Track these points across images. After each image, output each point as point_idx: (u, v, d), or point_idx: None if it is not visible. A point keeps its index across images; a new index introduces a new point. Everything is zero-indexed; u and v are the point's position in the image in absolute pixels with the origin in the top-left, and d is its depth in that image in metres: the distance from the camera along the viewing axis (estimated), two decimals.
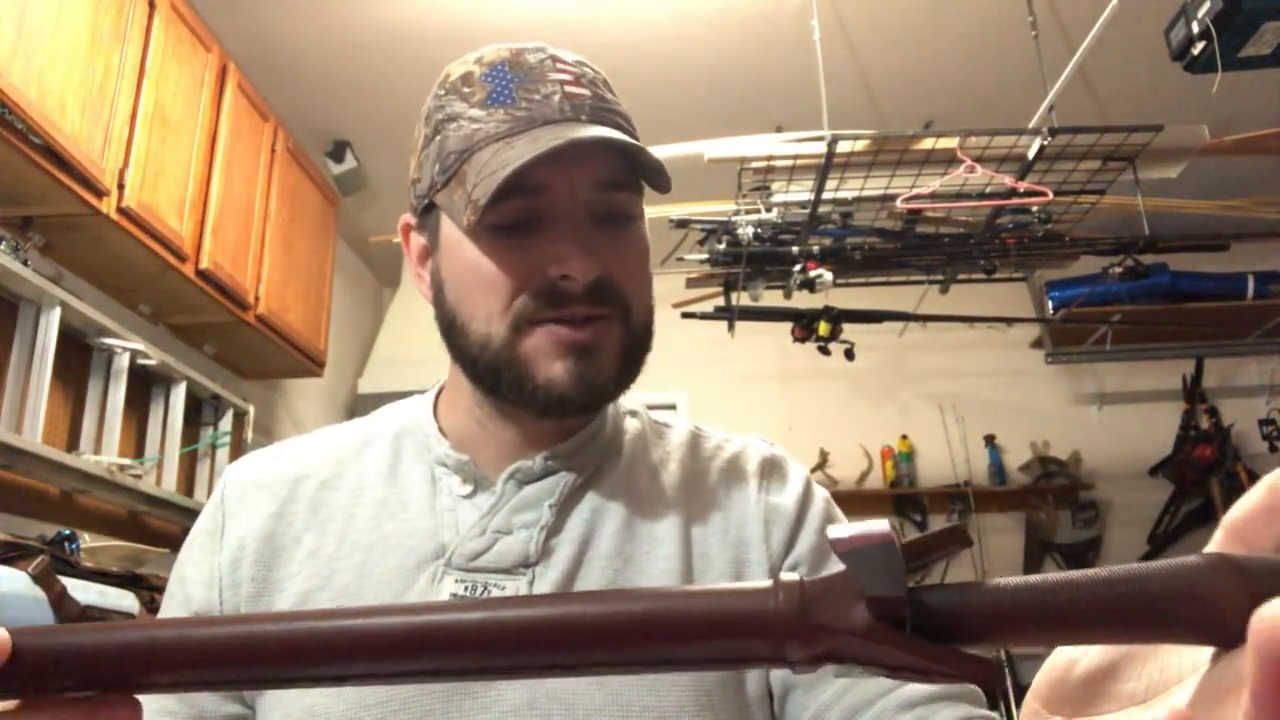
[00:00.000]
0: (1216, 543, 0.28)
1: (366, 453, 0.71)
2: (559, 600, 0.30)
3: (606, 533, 0.66)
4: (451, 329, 0.65)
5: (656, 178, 0.63)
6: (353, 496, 0.68)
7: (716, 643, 0.28)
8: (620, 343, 0.64)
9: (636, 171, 0.63)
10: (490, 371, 0.63)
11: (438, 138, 0.64)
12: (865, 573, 0.28)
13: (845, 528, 0.28)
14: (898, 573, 0.28)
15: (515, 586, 0.62)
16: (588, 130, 0.60)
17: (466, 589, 0.61)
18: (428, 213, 0.67)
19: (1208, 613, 0.25)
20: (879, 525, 0.28)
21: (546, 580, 0.62)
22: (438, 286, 0.67)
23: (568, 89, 0.63)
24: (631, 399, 0.79)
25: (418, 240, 0.70)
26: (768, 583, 0.28)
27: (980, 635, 0.28)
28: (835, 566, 0.29)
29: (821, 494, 0.72)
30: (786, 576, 0.28)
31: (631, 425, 0.75)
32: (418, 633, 0.30)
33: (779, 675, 0.64)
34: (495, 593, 0.62)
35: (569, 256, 0.60)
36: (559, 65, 0.64)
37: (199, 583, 0.66)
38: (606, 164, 0.62)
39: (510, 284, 0.62)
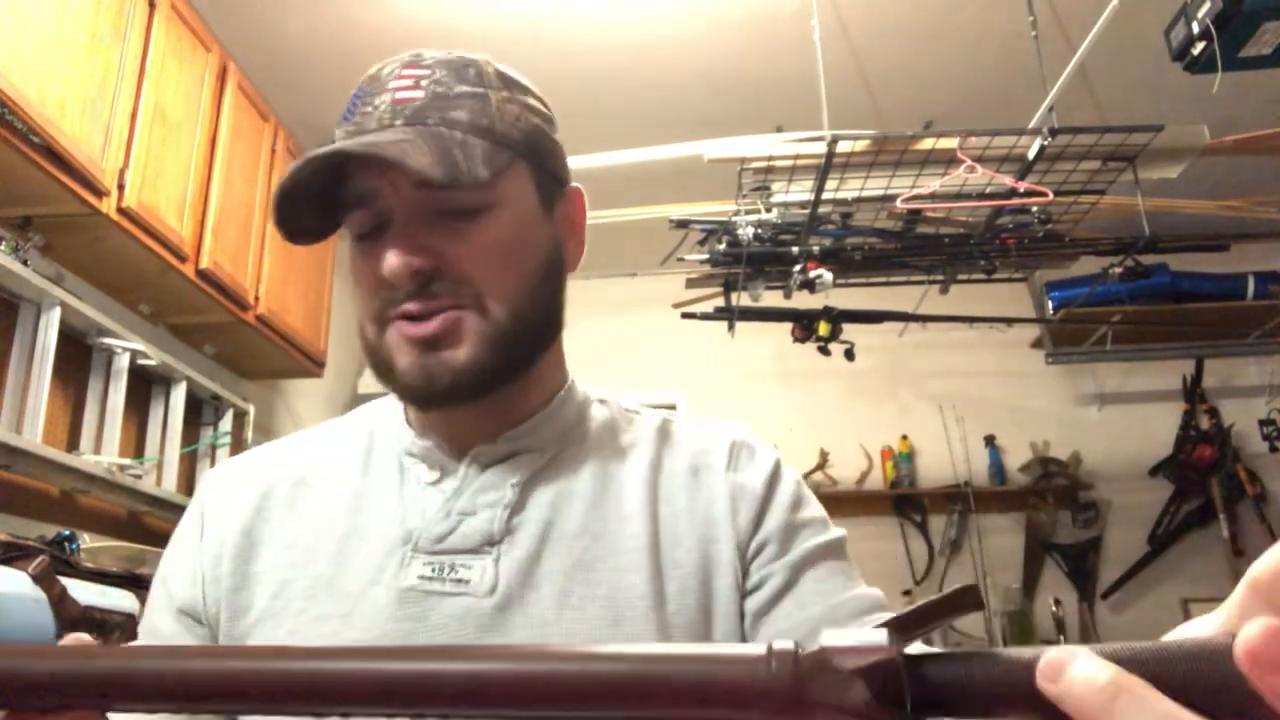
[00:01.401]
0: (1239, 597, 0.28)
1: (341, 450, 0.74)
2: (542, 656, 0.29)
3: (573, 511, 0.67)
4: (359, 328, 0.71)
5: (471, 173, 0.61)
6: (328, 492, 0.70)
7: (703, 711, 0.27)
8: (478, 331, 0.65)
9: (453, 168, 0.62)
10: (373, 366, 0.68)
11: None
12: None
13: (843, 635, 0.27)
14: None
15: (481, 565, 0.63)
16: (373, 137, 0.62)
17: (434, 570, 0.63)
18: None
19: (1241, 700, 0.24)
20: (877, 640, 0.26)
21: (511, 558, 0.63)
22: None
23: (398, 95, 0.64)
24: (621, 395, 0.80)
25: None
26: (761, 649, 0.27)
27: (987, 710, 0.27)
28: (803, 543, 0.28)
29: (792, 475, 0.73)
30: (780, 644, 0.27)
31: (599, 412, 0.76)
32: (388, 681, 0.29)
33: None
34: (462, 573, 0.63)
35: (384, 257, 0.63)
36: (405, 71, 0.66)
37: (183, 581, 0.68)
38: (416, 164, 0.60)
39: (365, 288, 0.67)
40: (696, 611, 0.64)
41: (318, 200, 0.65)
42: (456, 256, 0.64)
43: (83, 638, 0.38)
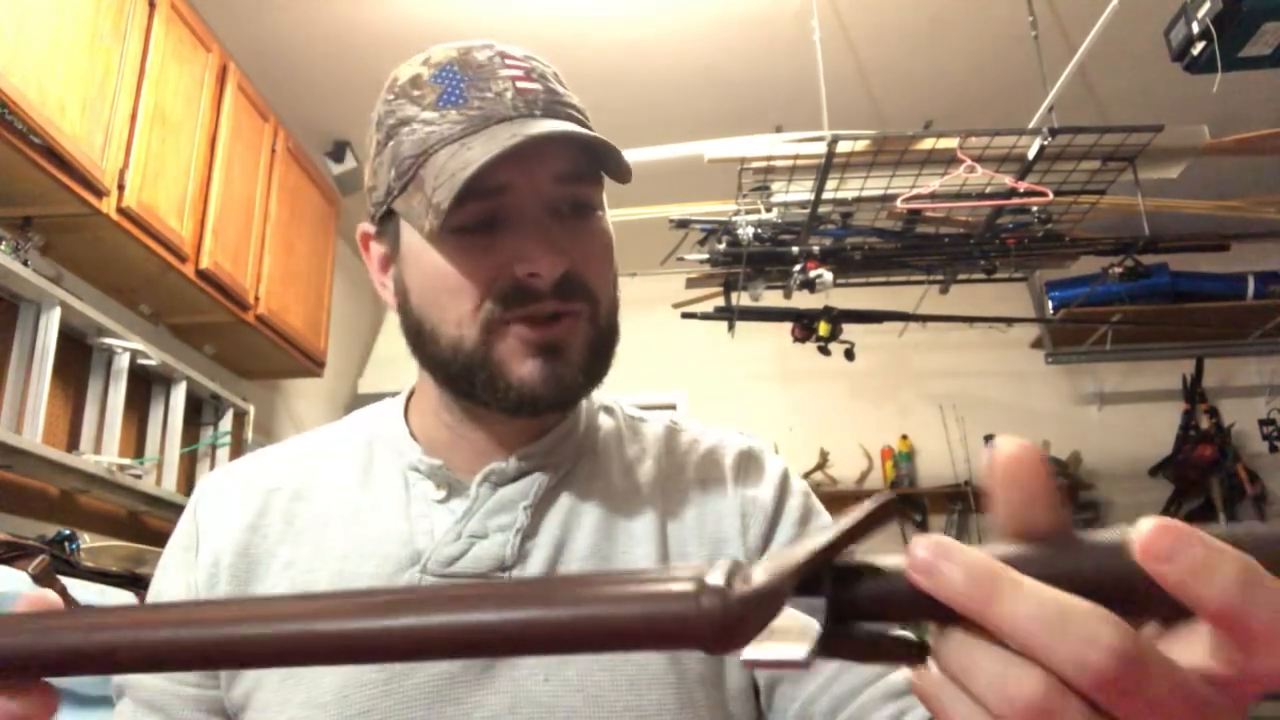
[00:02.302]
0: None
1: (339, 460, 0.71)
2: (477, 603, 0.29)
3: (583, 533, 0.65)
4: (420, 335, 0.65)
5: (616, 168, 0.62)
6: (326, 505, 0.68)
7: (637, 647, 0.29)
8: (588, 337, 0.63)
9: (596, 163, 0.63)
10: (464, 375, 0.63)
11: (391, 143, 0.63)
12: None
13: (760, 651, 0.27)
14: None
15: None
16: (544, 125, 0.59)
17: None
18: (387, 220, 0.66)
19: (1132, 589, 0.25)
20: (796, 654, 0.27)
21: None
22: (402, 294, 0.66)
23: (519, 85, 0.62)
24: (626, 398, 0.79)
25: (378, 249, 0.69)
26: (690, 584, 0.28)
27: (904, 617, 0.28)
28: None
29: (800, 486, 0.72)
30: (712, 578, 0.27)
31: (606, 422, 0.75)
32: (332, 640, 0.30)
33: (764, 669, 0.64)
34: None
35: (535, 255, 0.59)
36: (508, 61, 0.63)
37: (176, 598, 0.66)
38: (564, 157, 0.61)
39: (478, 287, 0.61)
40: None
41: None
42: (584, 256, 0.63)
43: (46, 595, 0.37)
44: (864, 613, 0.28)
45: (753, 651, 0.26)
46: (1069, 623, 0.24)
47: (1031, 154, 2.63)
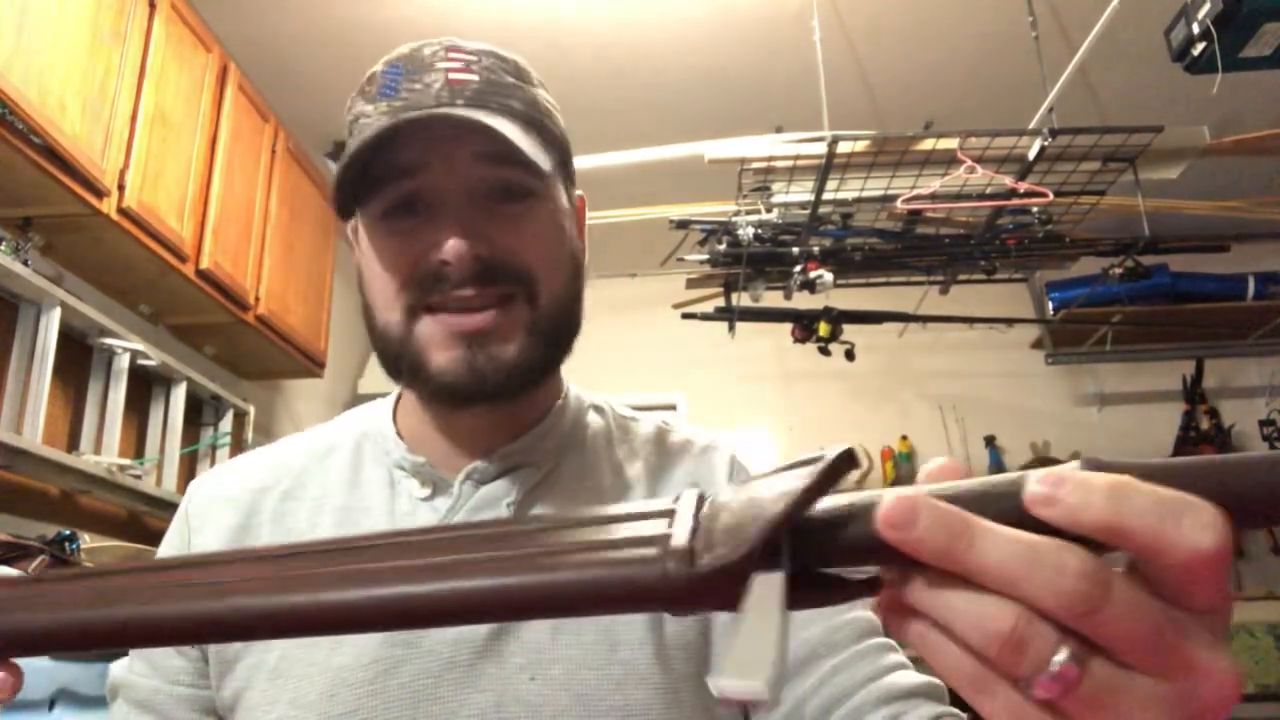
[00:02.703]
0: None
1: (328, 460, 0.71)
2: (443, 573, 0.29)
3: None
4: (368, 321, 0.66)
5: (532, 159, 0.60)
6: (315, 505, 0.68)
7: (606, 610, 0.29)
8: (525, 323, 0.62)
9: (535, 148, 0.61)
10: (392, 360, 0.64)
11: (349, 139, 0.65)
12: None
13: (728, 684, 0.27)
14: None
15: None
16: (456, 112, 0.59)
17: None
18: (353, 214, 0.67)
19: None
20: (759, 691, 0.27)
21: None
22: (360, 283, 0.67)
23: (452, 75, 0.62)
24: (626, 398, 0.79)
25: (355, 241, 0.71)
26: (654, 548, 0.28)
27: (868, 563, 0.29)
28: None
29: None
30: (676, 541, 0.28)
31: (595, 420, 0.74)
32: (302, 613, 0.30)
33: None
34: None
35: (444, 240, 0.59)
36: (451, 54, 0.64)
37: None
38: (483, 140, 0.60)
39: (398, 273, 0.62)
40: (695, 634, 0.63)
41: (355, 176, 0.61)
42: (512, 244, 0.62)
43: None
44: (825, 563, 0.29)
45: (721, 683, 0.27)
46: (1039, 556, 0.26)
47: (1031, 155, 2.63)
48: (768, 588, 0.27)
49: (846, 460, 0.29)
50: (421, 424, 0.69)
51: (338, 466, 0.70)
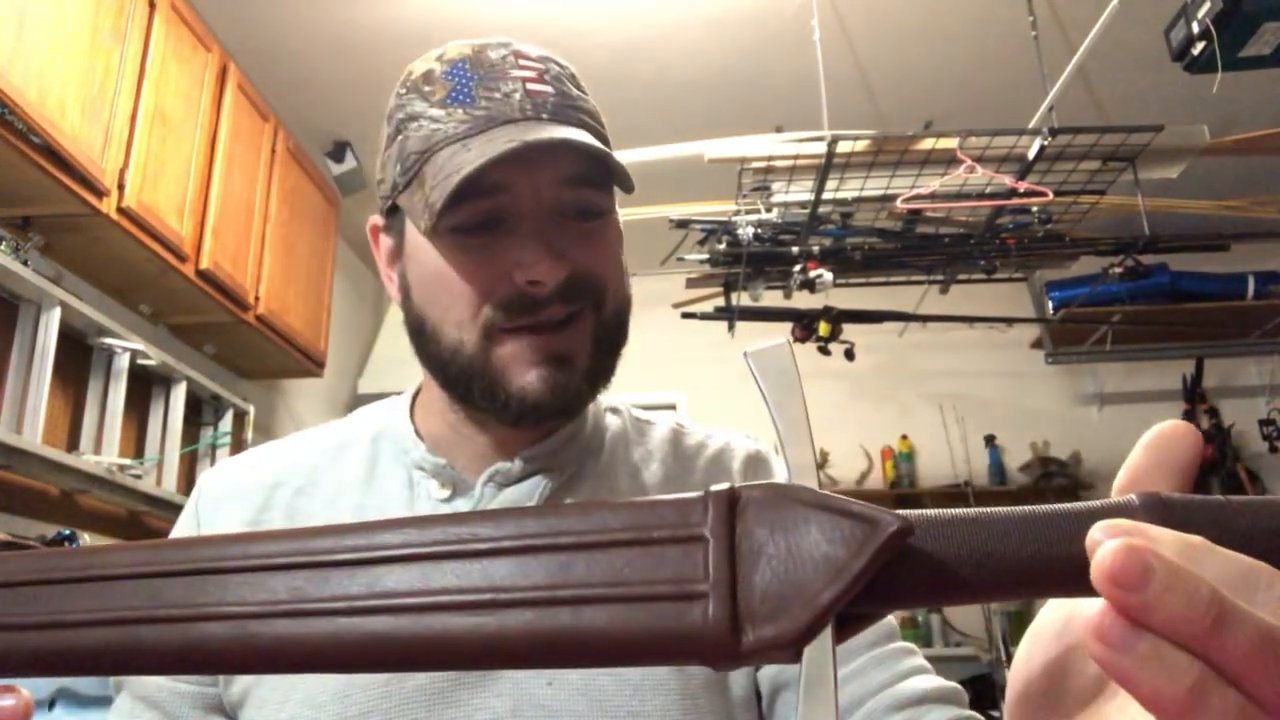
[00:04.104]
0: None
1: (343, 457, 0.70)
2: (480, 608, 0.28)
3: None
4: (421, 333, 0.64)
5: (621, 180, 0.62)
6: (329, 502, 0.67)
7: (645, 661, 0.27)
8: (593, 337, 0.63)
9: (603, 169, 0.61)
10: (462, 378, 0.62)
11: (399, 138, 0.62)
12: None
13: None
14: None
15: None
16: (547, 131, 0.58)
17: None
18: (393, 214, 0.65)
19: None
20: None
21: None
22: (405, 289, 0.65)
23: (529, 86, 0.61)
24: (626, 398, 0.78)
25: (386, 242, 0.68)
26: (697, 612, 0.26)
27: (922, 600, 0.28)
28: None
29: None
30: (716, 605, 0.26)
31: (613, 423, 0.74)
32: (333, 644, 0.28)
33: (767, 676, 0.63)
34: None
35: (535, 261, 0.58)
36: (521, 61, 0.63)
37: None
38: (571, 161, 0.60)
39: (477, 291, 0.60)
40: None
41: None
42: (589, 262, 0.61)
43: None
44: (868, 605, 0.27)
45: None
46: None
47: (1031, 154, 2.63)
48: (817, 652, 0.26)
49: (900, 535, 0.26)
50: (443, 425, 0.68)
51: (352, 464, 0.69)
